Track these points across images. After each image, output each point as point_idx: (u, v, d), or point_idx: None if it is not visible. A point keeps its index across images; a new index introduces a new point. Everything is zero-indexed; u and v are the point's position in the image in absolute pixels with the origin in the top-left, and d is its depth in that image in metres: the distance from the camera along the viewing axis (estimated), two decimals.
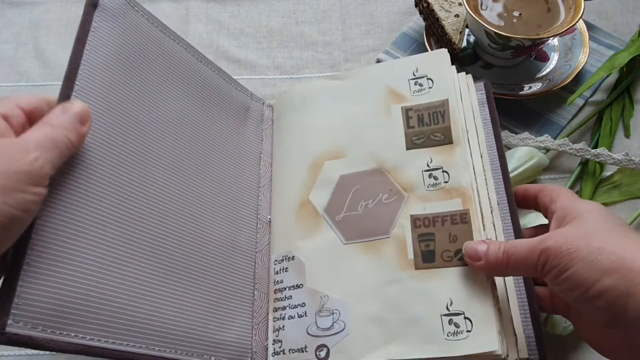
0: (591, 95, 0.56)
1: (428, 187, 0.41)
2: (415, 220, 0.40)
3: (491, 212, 0.40)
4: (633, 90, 0.56)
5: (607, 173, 0.52)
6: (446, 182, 0.40)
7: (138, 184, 0.36)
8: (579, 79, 0.55)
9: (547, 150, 0.51)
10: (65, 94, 0.33)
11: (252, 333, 0.41)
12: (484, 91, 0.45)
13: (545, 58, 0.57)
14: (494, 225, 0.40)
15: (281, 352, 0.40)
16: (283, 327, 0.41)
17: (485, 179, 0.41)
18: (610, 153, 0.49)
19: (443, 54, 0.45)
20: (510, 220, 0.40)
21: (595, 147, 0.52)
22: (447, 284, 0.37)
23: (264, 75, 0.60)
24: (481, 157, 0.42)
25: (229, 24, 0.63)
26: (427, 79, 0.45)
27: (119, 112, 0.36)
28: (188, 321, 0.37)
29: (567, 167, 0.53)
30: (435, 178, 0.41)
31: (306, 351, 0.39)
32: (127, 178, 0.35)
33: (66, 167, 0.32)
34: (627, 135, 0.54)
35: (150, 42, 0.40)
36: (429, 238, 0.39)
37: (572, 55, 0.56)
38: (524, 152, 0.50)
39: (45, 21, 0.63)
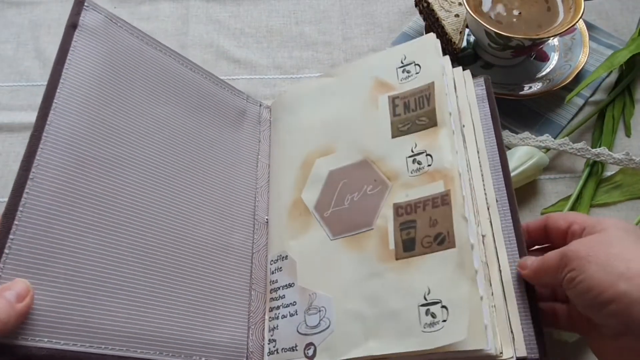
0: (591, 95, 0.56)
1: (412, 172, 0.40)
2: (398, 209, 0.39)
3: (488, 209, 0.39)
4: (633, 89, 0.56)
5: (609, 173, 0.52)
6: (429, 165, 0.40)
7: (120, 191, 0.37)
8: (579, 79, 0.55)
9: (548, 149, 0.51)
10: (44, 113, 0.34)
11: (249, 333, 0.41)
12: (484, 87, 0.44)
13: (545, 58, 0.57)
14: (490, 222, 0.39)
15: (275, 352, 0.40)
16: (277, 326, 0.41)
17: (482, 175, 0.41)
18: (610, 152, 0.49)
19: (431, 39, 0.45)
20: (510, 218, 0.39)
21: (599, 145, 0.52)
22: (426, 272, 0.36)
23: (264, 75, 0.60)
24: (478, 152, 0.42)
25: (229, 23, 0.63)
26: (415, 64, 0.44)
27: (99, 126, 0.37)
28: (174, 323, 0.37)
29: (567, 166, 0.53)
30: (419, 163, 0.40)
31: (296, 350, 0.39)
32: (109, 187, 0.36)
33: (40, 176, 0.33)
34: (628, 134, 0.54)
35: (133, 55, 0.41)
36: (410, 226, 0.38)
37: (572, 55, 0.56)
38: (524, 152, 0.50)
39: (45, 21, 0.63)
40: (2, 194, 0.52)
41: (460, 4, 0.56)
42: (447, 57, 0.45)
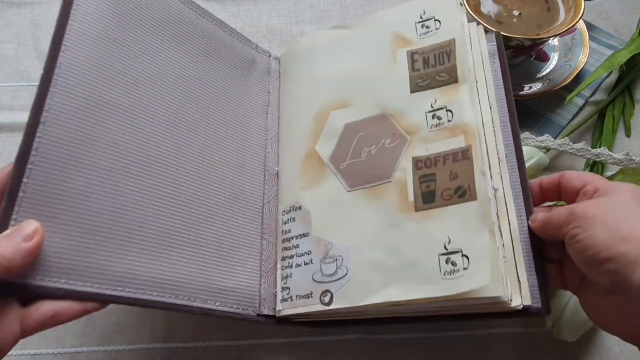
0: (591, 95, 0.56)
1: (431, 127, 0.41)
2: (417, 162, 0.40)
3: (499, 164, 0.40)
4: (633, 89, 0.56)
5: (609, 173, 0.52)
6: (449, 120, 0.40)
7: (132, 136, 0.37)
8: (579, 79, 0.55)
9: (548, 149, 0.51)
10: (53, 55, 0.34)
11: (261, 281, 0.42)
12: (495, 43, 0.44)
13: (545, 58, 0.57)
14: (501, 177, 0.39)
15: (289, 299, 0.40)
16: (291, 274, 0.41)
17: (494, 130, 0.41)
18: (610, 153, 0.49)
19: None
20: (517, 174, 0.40)
21: (599, 145, 0.52)
22: (446, 222, 0.37)
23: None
24: (490, 108, 0.42)
25: (229, 23, 0.63)
26: (435, 20, 0.44)
27: (110, 69, 0.37)
28: (189, 268, 0.37)
29: (567, 166, 0.53)
30: (439, 118, 0.41)
31: (312, 297, 0.39)
32: (120, 131, 0.36)
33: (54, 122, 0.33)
34: (628, 134, 0.54)
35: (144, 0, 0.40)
36: (429, 179, 0.39)
37: (572, 55, 0.56)
38: (524, 152, 0.49)
39: (45, 21, 0.63)
40: None
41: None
42: (464, 12, 0.45)
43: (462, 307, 0.37)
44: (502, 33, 0.49)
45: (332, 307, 0.38)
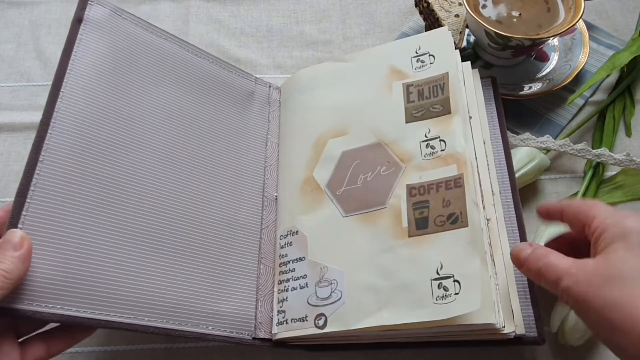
0: (591, 95, 0.56)
1: (425, 156, 0.42)
2: (411, 190, 0.41)
3: (492, 196, 0.42)
4: (634, 90, 0.56)
5: (610, 173, 0.52)
6: (442, 150, 0.42)
7: (127, 172, 0.39)
8: (579, 79, 0.55)
9: (548, 150, 0.51)
10: (52, 101, 0.37)
11: (257, 305, 0.42)
12: (490, 87, 0.48)
13: (545, 58, 0.57)
14: (494, 209, 0.41)
15: (284, 322, 0.41)
16: (287, 298, 0.42)
17: (488, 164, 0.43)
18: (611, 153, 0.49)
19: (444, 32, 0.47)
20: (513, 209, 0.43)
21: (599, 145, 0.52)
22: (439, 248, 0.38)
23: (265, 75, 0.60)
24: (484, 143, 0.44)
25: (229, 23, 0.63)
26: (429, 55, 0.46)
27: (105, 112, 0.39)
28: (181, 294, 0.39)
29: (567, 167, 0.53)
30: (433, 147, 0.42)
31: (306, 320, 0.40)
32: (117, 167, 0.39)
33: (52, 158, 0.36)
34: (628, 134, 0.54)
35: (138, 44, 0.43)
36: (423, 206, 0.40)
37: (572, 55, 0.56)
38: (525, 154, 0.49)
39: (46, 21, 0.63)
40: (2, 194, 0.52)
41: (460, 4, 0.56)
42: (458, 51, 0.47)
43: (456, 334, 0.38)
44: (502, 33, 0.50)
45: (326, 330, 0.39)
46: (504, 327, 0.36)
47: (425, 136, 0.43)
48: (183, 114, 0.44)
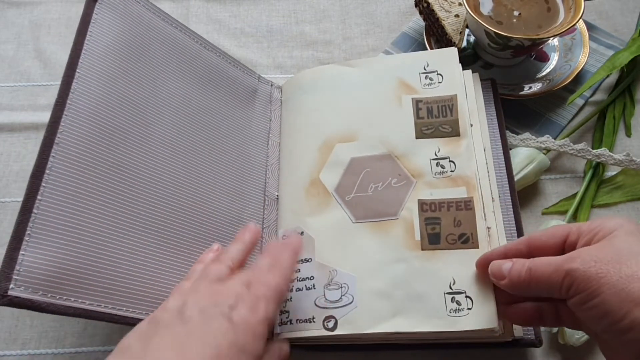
0: (591, 95, 0.56)
1: (435, 174, 0.43)
2: (423, 205, 0.42)
3: (492, 202, 0.42)
4: (634, 90, 0.56)
5: (610, 173, 0.52)
6: (452, 171, 0.43)
7: (138, 161, 0.39)
8: (579, 79, 0.55)
9: (548, 150, 0.51)
10: (67, 82, 0.36)
11: None
12: (490, 89, 0.48)
13: (545, 58, 0.57)
14: (494, 214, 0.42)
15: (288, 322, 0.41)
16: (290, 298, 0.42)
17: (488, 171, 0.44)
18: (611, 153, 0.49)
19: (453, 52, 0.48)
20: (512, 212, 0.44)
21: (599, 145, 0.52)
22: (451, 265, 0.39)
23: (265, 75, 0.60)
24: (484, 150, 0.45)
25: (229, 23, 0.63)
26: (437, 74, 0.47)
27: (119, 97, 0.39)
28: None
29: (568, 167, 0.53)
30: (442, 167, 0.43)
31: (314, 321, 0.40)
32: (128, 156, 0.38)
33: (67, 145, 0.35)
34: (628, 134, 0.54)
35: (151, 31, 0.43)
36: (435, 222, 0.41)
37: (572, 55, 0.56)
38: (525, 155, 0.49)
39: (45, 21, 0.63)
40: (2, 194, 0.52)
41: (460, 4, 0.56)
42: (460, 66, 0.47)
43: (456, 337, 0.39)
44: (502, 33, 0.50)
45: (336, 332, 0.39)
46: (503, 333, 0.37)
47: (435, 155, 0.44)
48: (191, 105, 0.44)
